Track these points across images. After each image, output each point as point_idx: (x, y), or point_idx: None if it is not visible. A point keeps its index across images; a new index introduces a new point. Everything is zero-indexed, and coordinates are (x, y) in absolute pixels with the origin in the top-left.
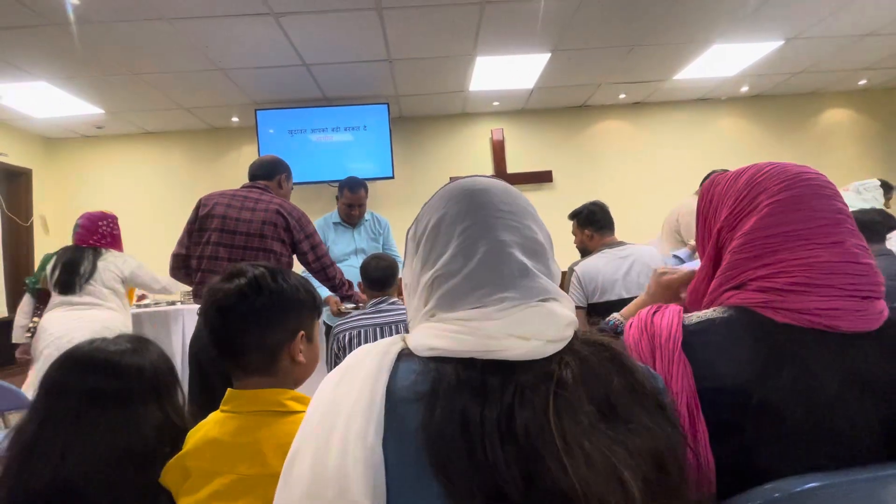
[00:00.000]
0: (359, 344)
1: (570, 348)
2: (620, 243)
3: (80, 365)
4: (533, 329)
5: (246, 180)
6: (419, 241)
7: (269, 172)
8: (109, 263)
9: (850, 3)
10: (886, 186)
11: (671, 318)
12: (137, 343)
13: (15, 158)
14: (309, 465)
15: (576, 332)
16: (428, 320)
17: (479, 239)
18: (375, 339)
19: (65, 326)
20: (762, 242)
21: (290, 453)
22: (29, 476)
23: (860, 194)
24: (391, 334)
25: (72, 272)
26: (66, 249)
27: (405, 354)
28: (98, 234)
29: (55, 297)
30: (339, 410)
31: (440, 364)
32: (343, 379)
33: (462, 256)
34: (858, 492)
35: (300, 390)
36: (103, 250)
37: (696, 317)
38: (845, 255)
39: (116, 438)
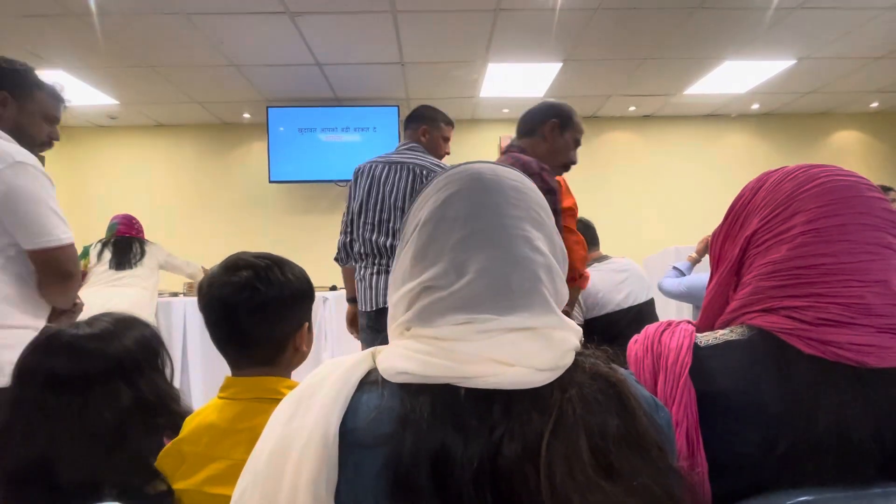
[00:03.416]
0: None
1: (572, 379)
2: (606, 257)
3: (43, 348)
4: (517, 354)
5: (251, 178)
6: (411, 234)
7: (529, 128)
8: (153, 249)
9: (864, 25)
10: (884, 190)
11: (682, 338)
12: (115, 325)
13: None
14: None
15: (579, 360)
16: (402, 335)
17: (478, 253)
18: None
19: (102, 301)
20: (793, 273)
21: (236, 491)
22: (3, 458)
23: None
24: None
25: (126, 253)
26: (112, 238)
27: (370, 382)
28: (135, 228)
29: (97, 275)
30: (289, 451)
31: (413, 396)
32: (297, 411)
33: (454, 272)
34: None
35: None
36: (146, 240)
37: (711, 337)
38: (889, 297)
39: (79, 422)
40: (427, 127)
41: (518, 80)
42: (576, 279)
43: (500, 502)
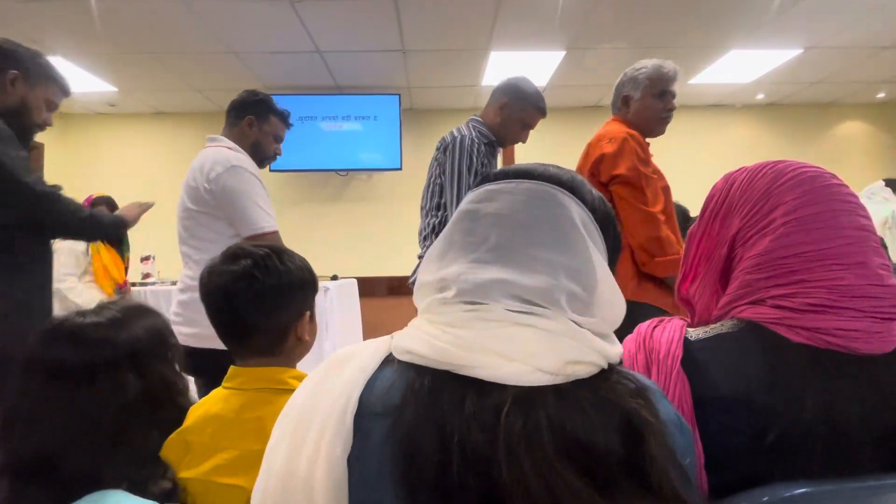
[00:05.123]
0: None
1: (564, 389)
2: None
3: (48, 338)
4: (519, 350)
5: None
6: (450, 224)
7: None
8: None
9: (872, 13)
10: (893, 185)
11: (672, 332)
12: (123, 313)
13: None
14: (283, 463)
15: (593, 380)
16: (421, 314)
17: (496, 258)
18: None
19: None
20: (777, 263)
21: (270, 442)
22: (7, 451)
23: (870, 199)
24: None
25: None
26: None
27: (389, 359)
28: None
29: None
30: (315, 412)
31: (418, 373)
32: (328, 375)
33: (471, 271)
34: (848, 500)
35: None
36: None
37: (701, 331)
38: (870, 278)
39: (83, 413)
40: (508, 101)
41: (520, 69)
42: (645, 263)
43: (482, 483)
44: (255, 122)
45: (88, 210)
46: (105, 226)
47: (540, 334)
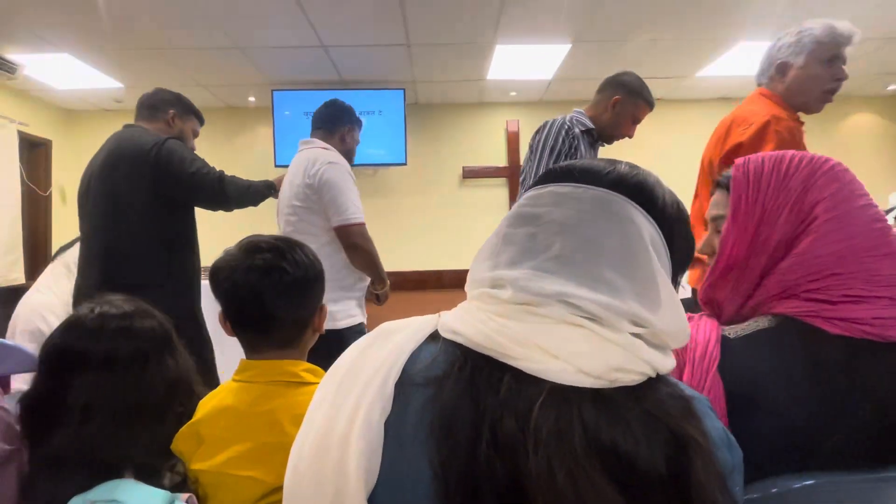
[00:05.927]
0: None
1: (605, 395)
2: None
3: (91, 332)
4: (564, 349)
5: (257, 162)
6: (515, 217)
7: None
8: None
9: (881, 5)
10: None
11: (708, 331)
12: (139, 304)
13: (35, 129)
14: (322, 420)
15: (641, 391)
16: (472, 300)
17: (557, 269)
18: None
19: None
20: (814, 262)
21: (312, 402)
22: (54, 441)
23: None
24: None
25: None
26: None
27: (434, 336)
28: None
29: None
30: (359, 377)
31: (462, 353)
32: (374, 344)
33: (532, 278)
34: (856, 491)
35: None
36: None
37: (739, 328)
38: None
39: (130, 399)
40: (622, 97)
41: (526, 62)
42: None
43: (509, 469)
44: (351, 130)
45: (249, 182)
46: (264, 190)
47: (589, 336)
